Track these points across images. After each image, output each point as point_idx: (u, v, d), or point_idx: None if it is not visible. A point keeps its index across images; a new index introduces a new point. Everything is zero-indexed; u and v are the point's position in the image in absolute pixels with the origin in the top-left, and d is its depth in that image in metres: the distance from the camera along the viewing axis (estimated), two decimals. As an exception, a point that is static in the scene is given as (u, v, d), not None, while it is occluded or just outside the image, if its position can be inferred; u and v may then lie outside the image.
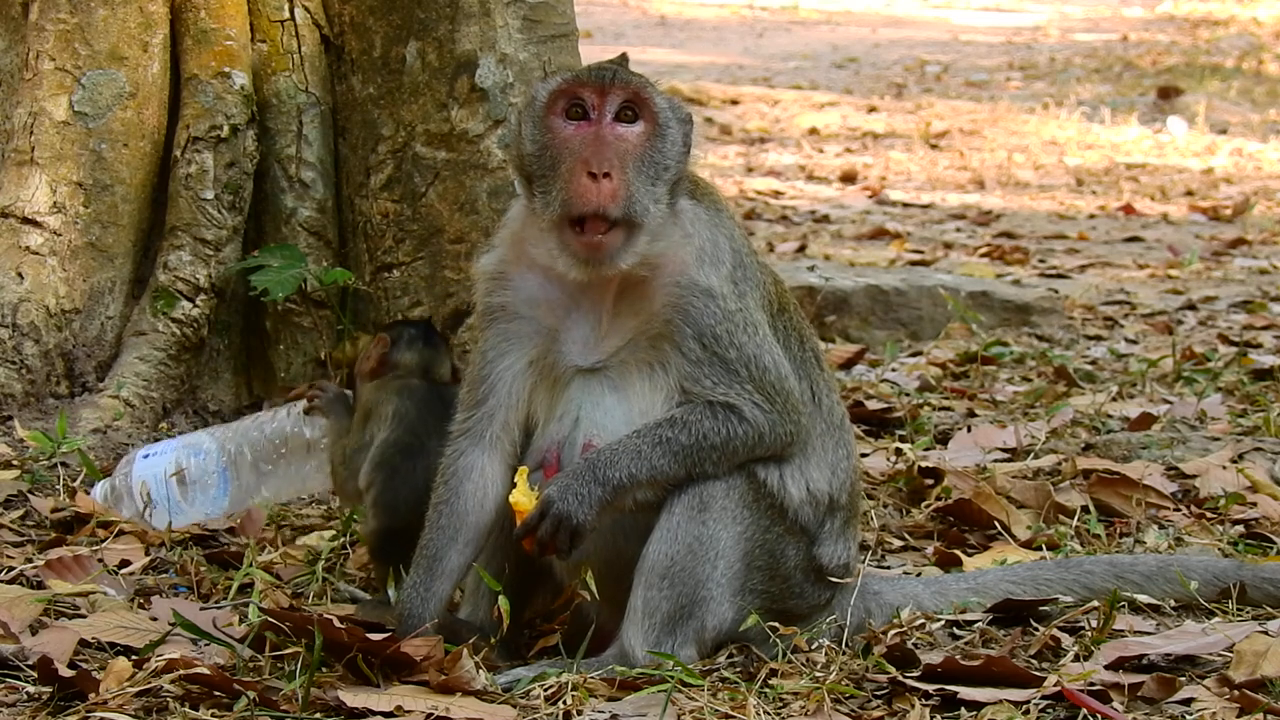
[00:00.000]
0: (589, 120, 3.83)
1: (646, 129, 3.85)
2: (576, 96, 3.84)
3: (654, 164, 3.84)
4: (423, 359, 4.64)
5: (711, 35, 24.33)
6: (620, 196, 3.77)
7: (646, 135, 3.84)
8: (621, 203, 3.77)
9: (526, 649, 4.10)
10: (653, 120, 3.85)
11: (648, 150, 3.83)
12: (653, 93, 3.87)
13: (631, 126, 3.84)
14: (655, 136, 3.85)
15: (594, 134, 3.81)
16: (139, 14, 5.62)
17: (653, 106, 3.86)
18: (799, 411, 3.92)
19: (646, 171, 3.82)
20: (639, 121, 3.85)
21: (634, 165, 3.81)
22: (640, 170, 3.81)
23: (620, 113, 3.84)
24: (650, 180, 3.83)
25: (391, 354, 4.64)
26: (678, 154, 3.89)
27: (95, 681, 3.54)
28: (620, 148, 3.80)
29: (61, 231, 5.55)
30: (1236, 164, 15.09)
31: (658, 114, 3.86)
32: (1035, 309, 8.11)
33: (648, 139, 3.84)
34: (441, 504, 3.99)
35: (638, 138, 3.83)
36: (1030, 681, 3.66)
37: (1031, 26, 26.12)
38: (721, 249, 3.93)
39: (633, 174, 3.80)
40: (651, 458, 3.79)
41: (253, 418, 5.08)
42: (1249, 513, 5.04)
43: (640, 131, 3.84)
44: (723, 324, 3.85)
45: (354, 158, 5.76)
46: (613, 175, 3.76)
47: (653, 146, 3.84)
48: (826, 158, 15.13)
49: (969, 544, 4.90)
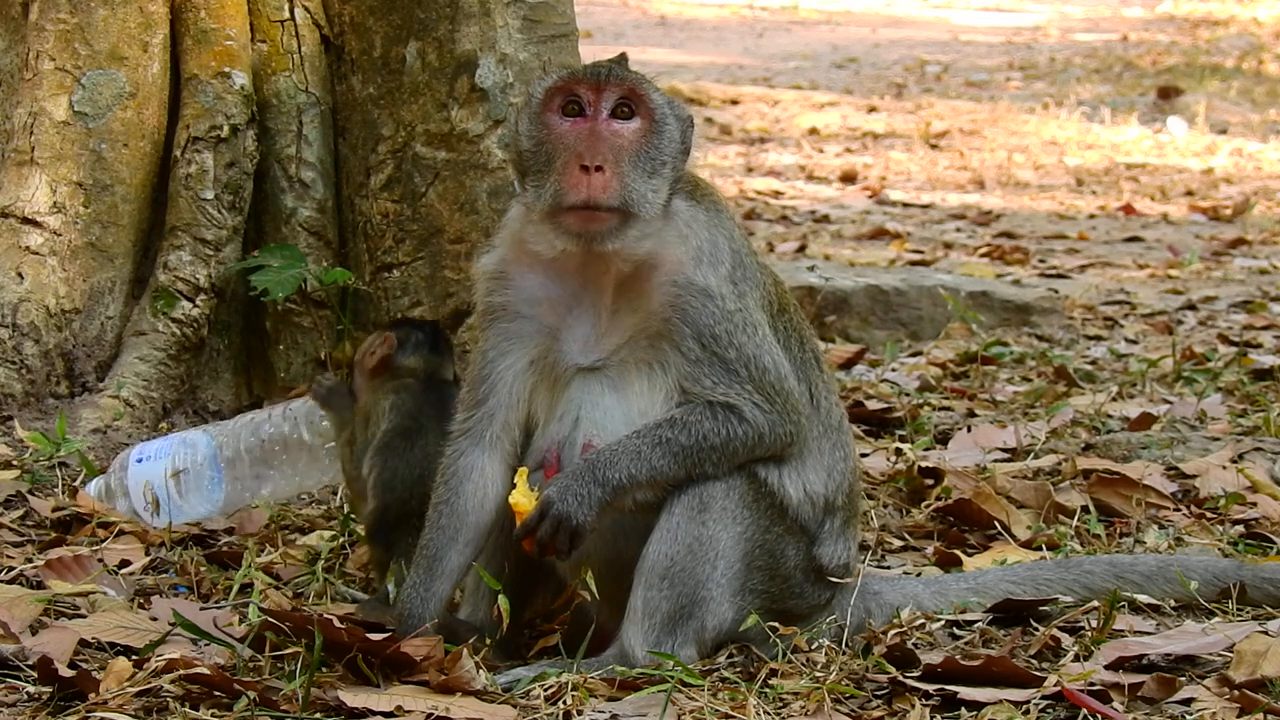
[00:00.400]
0: (585, 117, 3.83)
1: (642, 125, 3.85)
2: (572, 93, 3.85)
3: (650, 160, 3.84)
4: (428, 365, 4.64)
5: (711, 35, 24.33)
6: (613, 188, 3.77)
7: (642, 132, 3.84)
8: (615, 193, 3.78)
9: (526, 649, 4.10)
10: (649, 117, 3.86)
11: (643, 146, 3.84)
12: (649, 89, 3.88)
13: (627, 123, 3.84)
14: (651, 133, 3.85)
15: (589, 129, 3.82)
16: (139, 14, 5.62)
17: (649, 103, 3.86)
18: (799, 412, 3.92)
19: (642, 166, 3.83)
20: (635, 118, 3.85)
21: (629, 160, 3.81)
22: (635, 165, 3.82)
23: (616, 109, 3.84)
24: (646, 174, 3.83)
25: (396, 356, 4.64)
26: (674, 151, 3.89)
27: (95, 681, 3.54)
28: (615, 143, 3.81)
29: (61, 231, 5.55)
30: (1236, 164, 15.09)
31: (654, 110, 3.87)
32: (1035, 309, 8.11)
33: (643, 135, 3.84)
34: (441, 504, 3.99)
35: (633, 134, 3.84)
36: (1030, 681, 3.66)
37: (1031, 26, 26.12)
38: (721, 249, 3.93)
39: (627, 168, 3.80)
40: (651, 458, 3.79)
41: (248, 418, 5.07)
42: (1249, 513, 5.04)
43: (636, 128, 3.84)
44: (722, 324, 3.85)
45: (354, 158, 5.76)
46: (605, 168, 3.77)
47: (648, 143, 3.84)
48: (826, 158, 15.13)
49: (969, 544, 4.90)
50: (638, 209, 3.81)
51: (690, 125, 3.96)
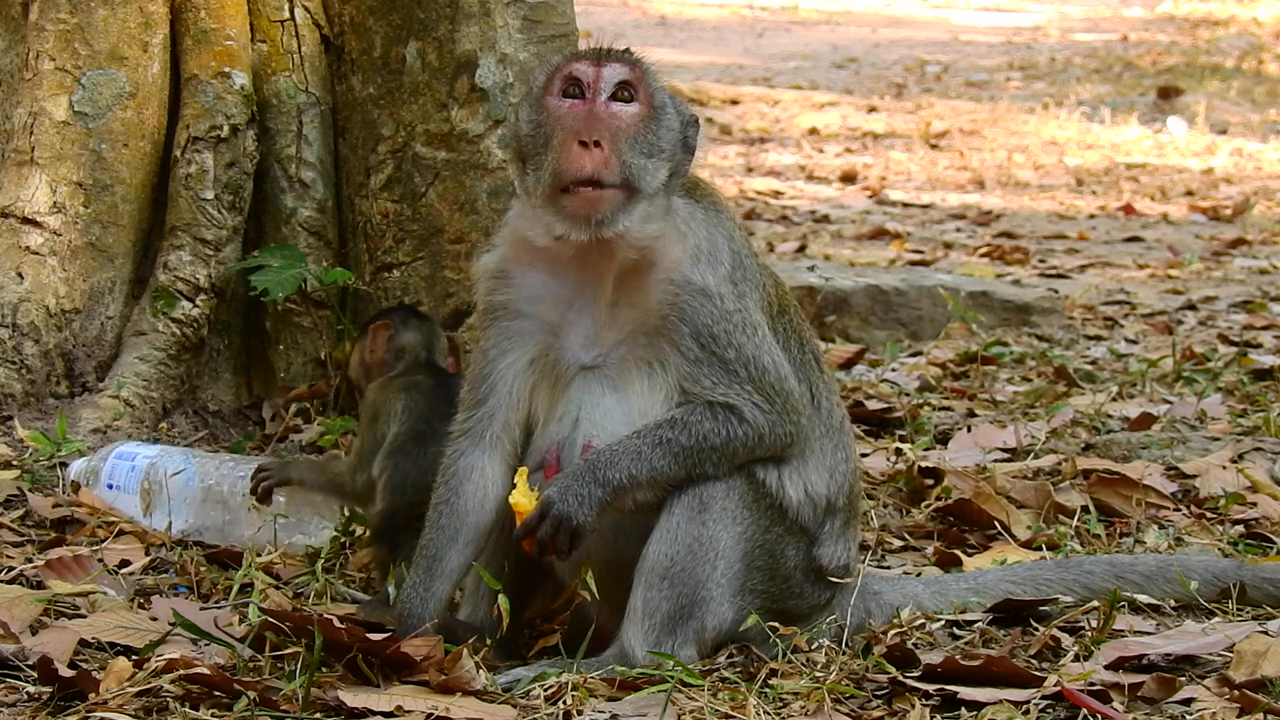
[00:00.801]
0: (584, 99, 3.83)
1: (642, 110, 3.84)
2: (573, 75, 3.84)
3: (648, 143, 3.83)
4: (424, 335, 4.70)
5: (711, 35, 24.34)
6: (613, 163, 3.76)
7: (641, 116, 3.84)
8: (616, 169, 3.77)
9: (526, 649, 4.10)
10: (648, 102, 3.85)
11: (642, 130, 3.82)
12: (649, 76, 3.87)
13: (627, 106, 3.84)
14: (650, 119, 3.84)
15: (588, 110, 3.81)
16: (139, 14, 5.63)
17: (649, 88, 3.86)
18: (799, 412, 3.92)
19: (640, 148, 3.81)
20: (634, 102, 3.84)
21: (627, 141, 3.80)
22: (634, 146, 3.80)
23: (616, 92, 3.84)
24: (645, 155, 3.82)
25: (396, 338, 4.66)
26: (674, 142, 3.88)
27: (95, 681, 3.54)
28: (614, 124, 3.80)
29: (61, 231, 5.55)
30: (1236, 164, 15.09)
31: (654, 95, 3.86)
32: (1035, 309, 8.11)
33: (642, 120, 3.83)
34: (442, 504, 3.99)
35: (632, 117, 3.83)
36: (1030, 681, 3.66)
37: (1031, 26, 26.12)
38: (720, 249, 3.93)
39: (625, 147, 3.79)
40: (652, 459, 3.78)
41: (232, 459, 5.02)
42: (1249, 513, 5.04)
43: (635, 111, 3.83)
44: (720, 324, 3.85)
45: (354, 158, 5.76)
46: (604, 145, 3.76)
47: (647, 127, 3.83)
48: (826, 158, 15.13)
49: (969, 544, 4.90)
50: (639, 183, 3.79)
51: (695, 125, 3.95)
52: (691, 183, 4.00)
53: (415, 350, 4.71)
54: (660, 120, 3.86)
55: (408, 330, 4.73)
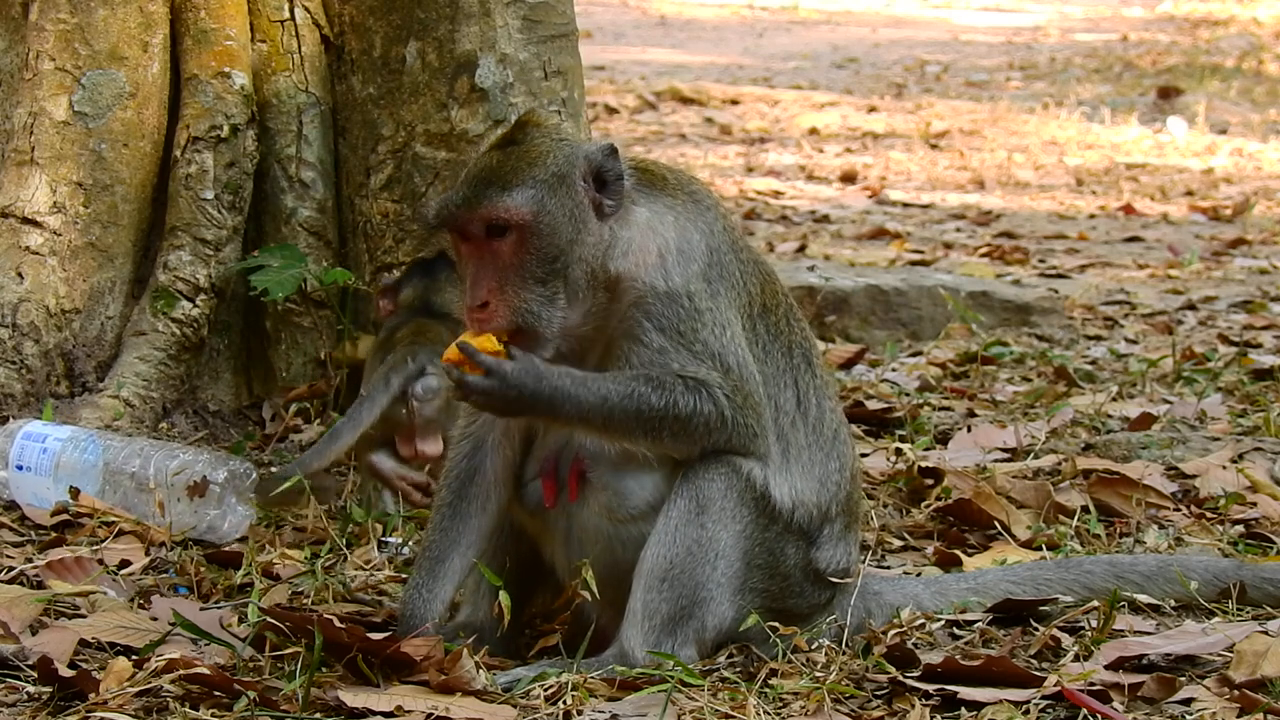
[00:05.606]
0: (471, 240, 3.82)
1: (517, 236, 3.78)
2: (452, 228, 3.84)
3: (539, 263, 3.77)
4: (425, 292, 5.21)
5: (711, 35, 24.33)
6: (503, 317, 3.75)
7: (518, 242, 3.78)
8: (506, 320, 3.76)
9: (526, 649, 4.10)
10: (521, 225, 3.77)
11: (525, 257, 3.77)
12: (510, 199, 3.77)
13: (504, 239, 3.79)
14: (531, 236, 3.77)
15: (475, 257, 3.80)
16: (139, 14, 5.62)
17: (516, 214, 3.77)
18: (759, 414, 3.88)
19: (532, 275, 3.77)
20: (509, 231, 3.78)
21: (515, 278, 3.77)
22: (524, 278, 3.77)
23: (490, 230, 3.79)
24: (539, 281, 3.77)
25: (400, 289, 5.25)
26: (569, 235, 3.79)
27: (95, 681, 3.54)
28: (497, 265, 3.78)
29: (61, 231, 5.55)
30: (1236, 164, 15.08)
31: (525, 215, 3.77)
32: (1035, 309, 8.11)
33: (520, 245, 3.77)
34: (444, 506, 4.00)
35: (511, 248, 3.78)
36: (1030, 681, 3.66)
37: (1031, 26, 26.11)
38: (693, 245, 3.90)
39: (514, 289, 3.76)
40: (618, 405, 3.75)
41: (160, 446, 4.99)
42: (1249, 513, 5.04)
43: (513, 241, 3.78)
44: (686, 322, 3.83)
45: (354, 158, 5.76)
46: (491, 301, 3.75)
47: (529, 249, 3.77)
48: (826, 158, 15.13)
49: (969, 544, 4.90)
50: (535, 323, 3.77)
51: (610, 154, 3.85)
52: (660, 179, 3.96)
53: (410, 302, 5.22)
54: (540, 229, 3.76)
55: (406, 288, 5.27)
